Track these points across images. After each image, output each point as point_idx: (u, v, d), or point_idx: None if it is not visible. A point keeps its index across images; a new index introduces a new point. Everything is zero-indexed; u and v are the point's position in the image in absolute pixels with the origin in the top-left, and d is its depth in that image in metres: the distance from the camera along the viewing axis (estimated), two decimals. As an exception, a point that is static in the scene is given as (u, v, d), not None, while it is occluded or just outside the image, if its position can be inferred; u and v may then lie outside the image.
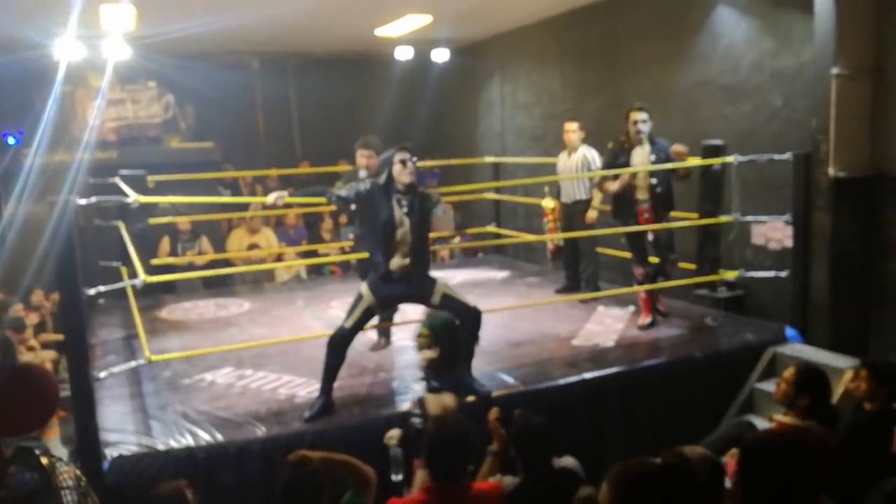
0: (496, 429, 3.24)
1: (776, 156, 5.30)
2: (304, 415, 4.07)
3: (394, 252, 4.17)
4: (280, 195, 4.44)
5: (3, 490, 1.97)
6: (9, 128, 8.80)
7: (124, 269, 6.02)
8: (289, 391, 4.52)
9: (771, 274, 5.48)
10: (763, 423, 4.07)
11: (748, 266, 5.78)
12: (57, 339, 6.27)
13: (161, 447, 3.80)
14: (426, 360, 3.44)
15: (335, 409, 4.13)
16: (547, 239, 6.81)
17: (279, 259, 8.39)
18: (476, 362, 4.33)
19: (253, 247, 8.16)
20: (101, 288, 4.85)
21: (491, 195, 8.33)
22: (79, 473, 2.09)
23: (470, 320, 4.21)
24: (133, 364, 4.51)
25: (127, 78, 8.92)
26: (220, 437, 3.88)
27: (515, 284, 7.27)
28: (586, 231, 6.20)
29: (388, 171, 4.15)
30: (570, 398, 4.45)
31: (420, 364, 3.85)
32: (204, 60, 9.03)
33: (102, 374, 4.14)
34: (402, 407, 4.21)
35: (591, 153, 6.33)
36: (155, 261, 6.51)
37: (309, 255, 8.33)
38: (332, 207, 6.19)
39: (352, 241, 6.03)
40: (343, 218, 8.90)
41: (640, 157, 5.32)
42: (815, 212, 5.11)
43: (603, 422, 4.52)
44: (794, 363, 3.54)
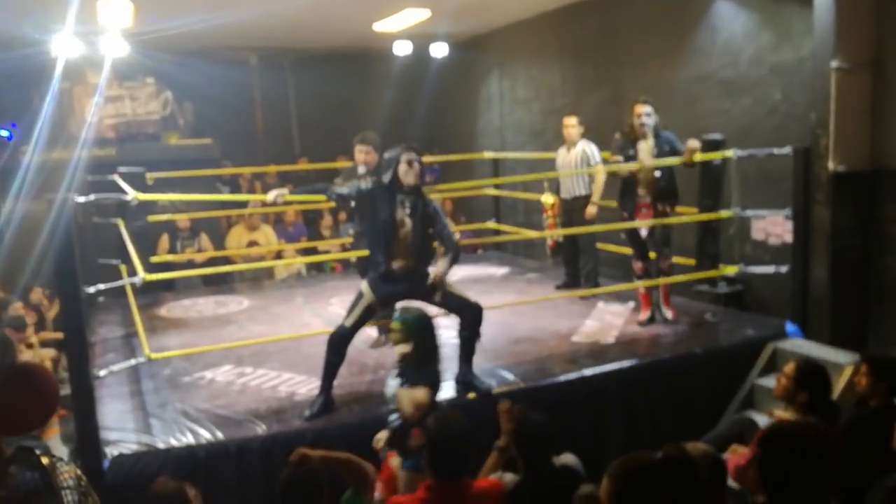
0: (508, 423, 3.18)
1: (776, 150, 5.28)
2: (304, 413, 4.07)
3: (395, 252, 4.16)
4: (280, 193, 4.42)
5: (4, 489, 1.97)
6: (5, 123, 8.78)
7: (123, 267, 6.02)
8: (289, 389, 4.52)
9: (771, 269, 5.48)
10: (763, 419, 4.07)
11: (748, 261, 5.77)
12: (56, 338, 6.27)
13: (161, 445, 3.80)
14: (400, 354, 3.43)
15: (335, 407, 4.13)
16: (546, 235, 6.80)
17: (278, 256, 8.37)
18: (476, 359, 4.34)
19: (252, 244, 8.15)
20: (101, 286, 4.86)
21: (490, 191, 8.32)
22: (79, 473, 2.09)
23: (472, 317, 4.22)
24: (133, 362, 4.52)
25: (125, 74, 8.90)
26: (220, 436, 3.88)
27: (515, 281, 7.27)
28: (586, 227, 6.19)
29: (393, 171, 4.12)
30: (570, 395, 4.45)
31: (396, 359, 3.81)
32: (202, 57, 9.01)
33: (102, 373, 4.14)
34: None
35: (590, 148, 6.31)
36: (154, 258, 6.51)
37: (308, 252, 8.32)
38: (332, 204, 6.18)
39: (351, 237, 6.02)
40: (342, 215, 8.91)
41: (644, 150, 5.30)
42: (814, 206, 5.11)
43: (603, 418, 4.52)
44: (795, 359, 3.54)
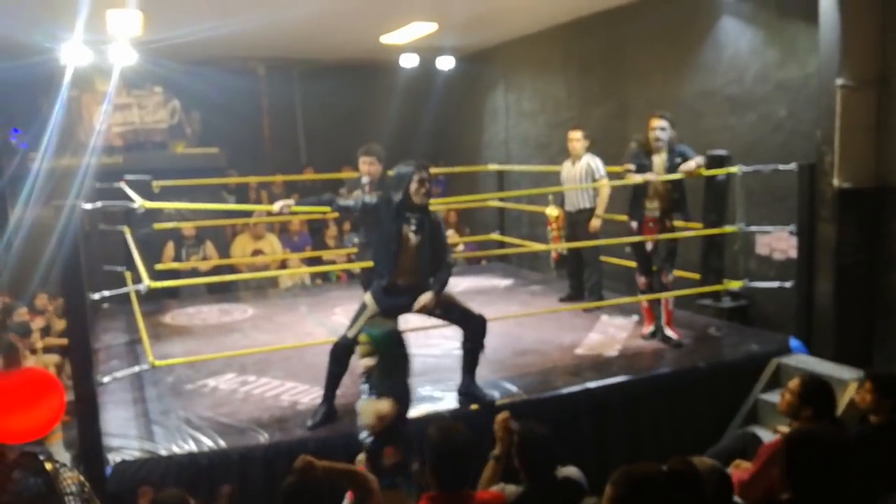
0: (503, 433, 3.19)
1: (781, 166, 5.29)
2: (306, 422, 4.07)
3: (399, 266, 4.17)
4: (286, 203, 4.44)
5: (7, 494, 1.98)
6: (9, 129, 8.83)
7: (128, 274, 6.04)
8: (291, 398, 4.52)
9: (775, 284, 5.47)
10: (767, 435, 4.06)
11: (752, 276, 5.76)
12: (61, 344, 6.28)
13: (163, 453, 3.80)
14: (364, 367, 3.42)
15: (338, 417, 4.12)
16: (551, 248, 6.80)
17: (283, 265, 8.39)
18: (480, 370, 4.34)
19: (257, 253, 8.17)
20: (106, 293, 4.87)
21: (495, 203, 8.34)
22: (82, 479, 2.10)
23: (475, 328, 4.23)
24: (136, 369, 4.52)
25: (133, 83, 8.97)
26: (222, 444, 3.89)
27: (519, 293, 7.27)
28: (590, 240, 6.20)
29: (405, 188, 4.10)
30: (573, 407, 4.44)
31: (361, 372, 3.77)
32: (210, 66, 9.07)
33: (106, 379, 4.15)
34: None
35: (595, 161, 6.32)
36: (159, 266, 6.53)
37: (313, 262, 8.33)
38: (337, 214, 6.20)
39: (356, 247, 6.03)
40: (347, 225, 8.94)
41: (658, 164, 5.28)
42: (819, 222, 5.11)
43: (606, 431, 4.50)
44: (800, 374, 3.53)
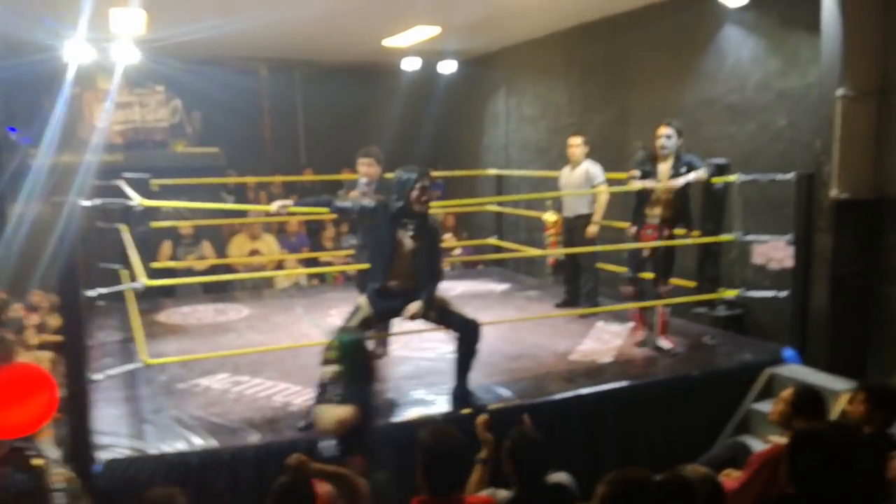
0: (483, 435, 3.22)
1: (779, 176, 5.28)
2: (298, 423, 4.05)
3: (394, 271, 4.18)
4: (283, 204, 4.44)
5: (-7, 490, 1.97)
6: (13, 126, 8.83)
7: (125, 272, 6.03)
8: (284, 399, 4.51)
9: (770, 294, 5.47)
10: (758, 444, 4.05)
11: (748, 285, 5.76)
12: (55, 340, 6.26)
13: (154, 452, 3.78)
14: (326, 373, 3.41)
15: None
16: (548, 253, 6.80)
17: (280, 266, 8.39)
18: (474, 375, 4.33)
19: (254, 253, 8.17)
20: (101, 290, 4.85)
21: (493, 207, 8.34)
22: (71, 476, 2.09)
23: (469, 333, 4.22)
24: (130, 367, 4.51)
25: (135, 81, 8.98)
26: (213, 444, 3.87)
27: (515, 297, 7.26)
28: (587, 246, 6.20)
29: (406, 194, 4.10)
30: (566, 413, 4.43)
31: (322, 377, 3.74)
32: (213, 66, 9.08)
33: (98, 377, 4.13)
34: (395, 417, 4.21)
35: (594, 168, 6.32)
36: (155, 264, 6.52)
37: (310, 263, 8.33)
38: (334, 216, 6.20)
39: (352, 248, 6.03)
40: (344, 226, 8.94)
41: (663, 172, 5.28)
42: (816, 233, 5.10)
43: (598, 438, 4.50)
44: (793, 384, 3.53)
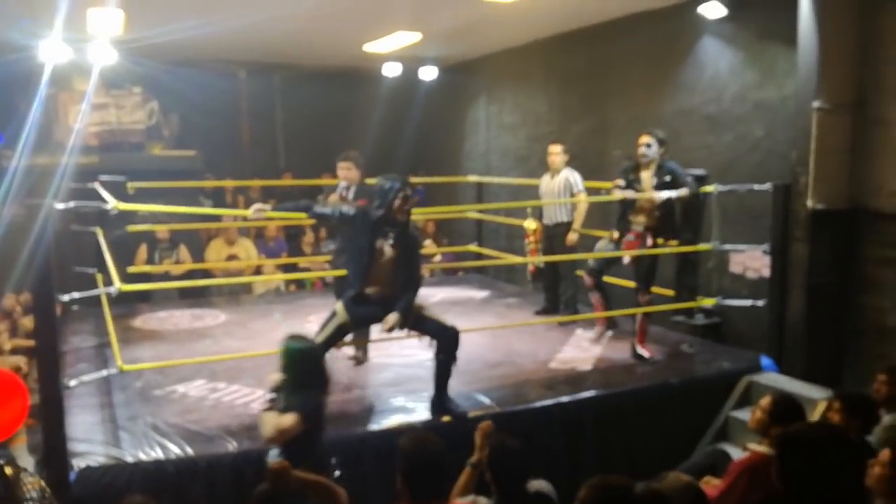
0: (480, 442, 3.18)
1: (756, 186, 5.35)
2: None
3: (371, 278, 4.17)
4: (261, 208, 4.41)
5: (-37, 500, 1.93)
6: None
7: (100, 276, 5.94)
8: (262, 406, 4.43)
9: (748, 302, 5.52)
10: (737, 451, 4.08)
11: (726, 294, 5.81)
12: (28, 345, 6.16)
13: (129, 459, 3.73)
14: (273, 380, 3.40)
15: (308, 426, 4.07)
16: (528, 261, 6.82)
17: (258, 271, 8.31)
18: (453, 382, 4.32)
19: (232, 258, 8.09)
20: (76, 294, 4.78)
21: (473, 214, 8.34)
22: (43, 485, 2.05)
23: (447, 340, 4.21)
24: (104, 373, 4.45)
25: (112, 83, 8.85)
26: (190, 451, 3.82)
27: (495, 304, 7.27)
28: (567, 253, 6.22)
29: (388, 203, 4.10)
30: (545, 421, 4.44)
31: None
32: (191, 68, 8.97)
33: (73, 383, 4.06)
34: (375, 425, 4.19)
35: (573, 176, 6.36)
36: (131, 269, 6.44)
37: (288, 268, 8.26)
38: (313, 221, 6.17)
39: (331, 252, 6.00)
40: (324, 231, 8.89)
41: (645, 180, 5.33)
42: (792, 242, 5.16)
43: (577, 445, 4.50)
44: (771, 392, 3.56)
